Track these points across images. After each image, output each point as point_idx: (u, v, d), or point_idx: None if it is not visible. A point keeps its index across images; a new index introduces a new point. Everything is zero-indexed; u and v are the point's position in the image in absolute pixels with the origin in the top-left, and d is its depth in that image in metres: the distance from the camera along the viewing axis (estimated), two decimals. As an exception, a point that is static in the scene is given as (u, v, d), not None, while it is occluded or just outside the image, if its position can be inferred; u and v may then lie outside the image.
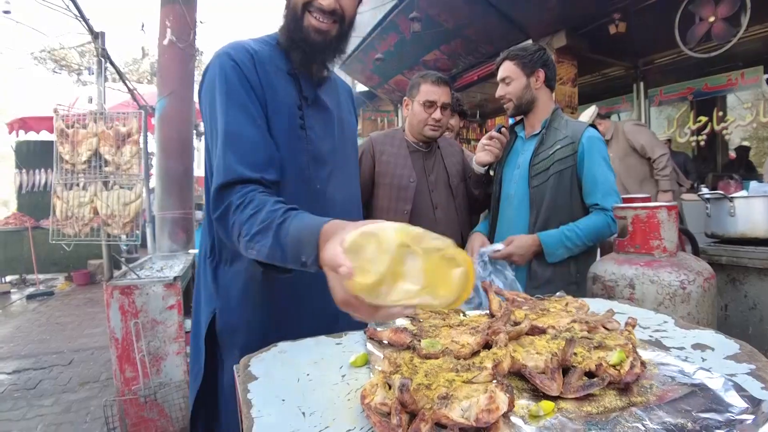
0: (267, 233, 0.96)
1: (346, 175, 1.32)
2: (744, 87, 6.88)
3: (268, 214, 0.98)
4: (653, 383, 0.80)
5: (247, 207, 1.02)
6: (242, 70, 1.13)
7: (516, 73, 1.94)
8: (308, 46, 1.18)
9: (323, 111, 1.27)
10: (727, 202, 2.10)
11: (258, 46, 1.20)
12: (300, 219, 0.95)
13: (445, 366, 0.77)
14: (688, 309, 1.33)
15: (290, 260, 0.93)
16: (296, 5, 1.16)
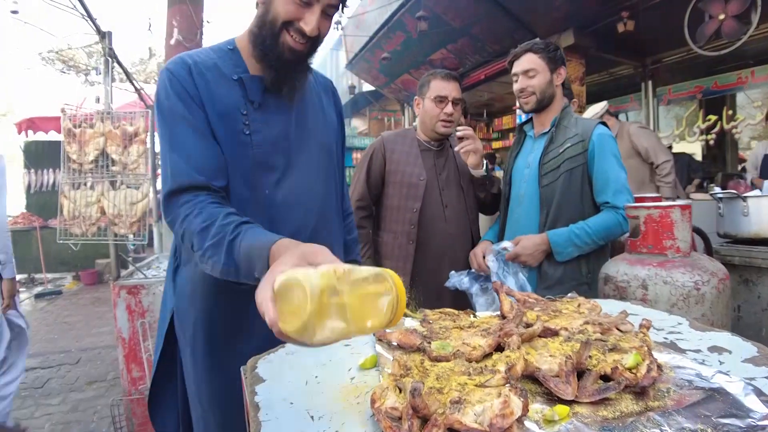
0: (219, 249, 0.96)
1: (305, 177, 1.27)
2: (754, 85, 6.82)
3: (219, 229, 0.98)
4: (670, 387, 0.78)
5: (197, 217, 1.02)
6: (180, 83, 1.13)
7: (541, 66, 1.89)
8: (280, 64, 1.17)
9: (274, 113, 1.22)
10: (740, 202, 2.06)
11: (204, 56, 1.20)
12: (250, 234, 0.94)
13: (457, 369, 0.75)
14: (702, 310, 1.31)
15: (243, 276, 0.94)
16: (275, 21, 1.13)
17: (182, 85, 1.13)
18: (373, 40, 8.02)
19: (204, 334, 1.22)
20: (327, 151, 1.36)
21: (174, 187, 1.08)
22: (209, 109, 1.14)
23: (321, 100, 1.38)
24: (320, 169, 1.33)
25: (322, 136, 1.35)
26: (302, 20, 1.11)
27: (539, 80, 1.89)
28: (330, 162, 1.37)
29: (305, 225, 1.27)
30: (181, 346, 1.28)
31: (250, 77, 1.20)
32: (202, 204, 1.04)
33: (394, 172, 2.10)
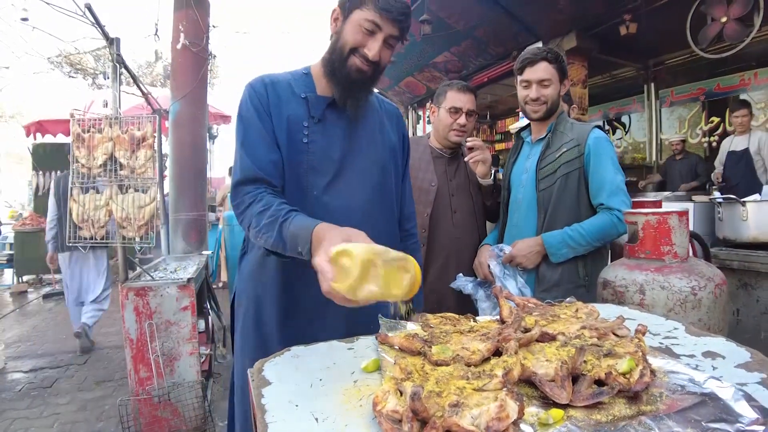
0: (273, 227, 1.20)
1: (352, 185, 1.45)
2: (757, 87, 6.79)
3: (274, 212, 1.22)
4: (663, 392, 0.80)
5: (258, 203, 1.27)
6: (257, 97, 1.38)
7: (555, 77, 1.91)
8: (347, 82, 1.37)
9: (332, 128, 1.43)
10: (739, 207, 2.09)
11: (281, 77, 1.44)
12: (298, 219, 1.17)
13: (456, 373, 0.78)
14: (699, 315, 1.33)
15: (289, 250, 1.17)
16: (344, 47, 1.34)
17: (258, 99, 1.38)
18: (377, 42, 8.03)
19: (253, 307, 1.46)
20: (380, 167, 1.52)
21: (241, 177, 1.33)
22: (277, 120, 1.38)
23: (383, 122, 1.58)
24: (369, 181, 1.48)
25: (376, 154, 1.51)
26: (366, 47, 1.32)
27: (552, 90, 1.90)
28: (381, 180, 1.52)
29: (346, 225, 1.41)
30: (237, 312, 1.53)
31: (315, 96, 1.42)
32: (263, 194, 1.29)
33: None
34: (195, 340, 2.83)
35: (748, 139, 5.02)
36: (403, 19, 1.33)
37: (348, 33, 1.33)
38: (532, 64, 1.91)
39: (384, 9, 1.29)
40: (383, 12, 1.29)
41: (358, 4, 1.31)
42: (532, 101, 1.92)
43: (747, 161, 4.96)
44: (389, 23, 1.31)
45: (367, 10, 1.30)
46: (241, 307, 1.50)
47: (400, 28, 1.34)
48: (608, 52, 6.51)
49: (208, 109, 4.75)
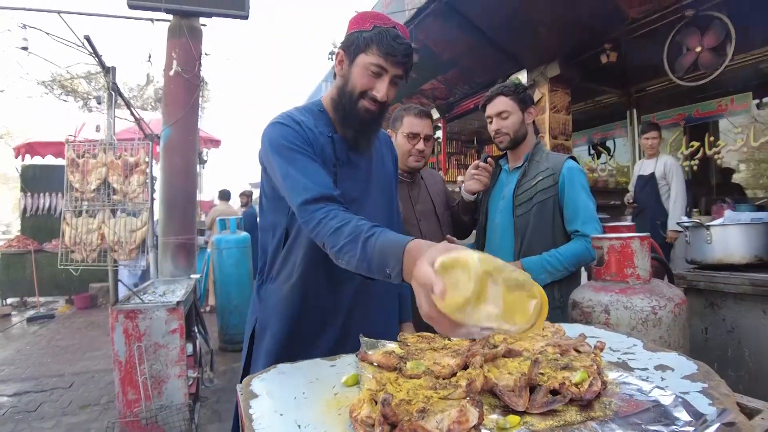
0: (355, 245, 1.09)
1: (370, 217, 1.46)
2: (734, 112, 7.04)
3: (355, 228, 1.12)
4: (612, 400, 0.89)
5: (332, 219, 1.18)
6: (294, 131, 1.36)
7: (513, 107, 2.04)
8: (358, 123, 1.42)
9: (354, 169, 1.48)
10: (704, 230, 2.21)
11: (303, 116, 1.43)
12: (386, 235, 1.07)
13: (425, 384, 0.87)
14: (660, 333, 1.43)
15: (375, 271, 1.06)
16: (353, 91, 1.38)
17: (300, 135, 1.36)
18: (365, 69, 8.23)
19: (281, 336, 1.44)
20: (389, 198, 1.61)
21: (308, 197, 1.24)
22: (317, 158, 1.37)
23: (382, 152, 1.64)
24: (382, 214, 1.56)
25: (383, 183, 1.60)
26: (374, 89, 1.37)
27: (512, 121, 2.04)
28: (389, 207, 1.61)
29: None
30: (258, 342, 1.50)
31: (340, 138, 1.46)
32: (336, 210, 1.21)
33: None
34: (183, 362, 2.87)
35: (655, 164, 5.00)
36: (407, 60, 1.37)
37: (356, 77, 1.37)
38: (491, 100, 2.08)
39: (389, 53, 1.33)
40: (388, 56, 1.33)
41: (363, 49, 1.35)
42: (495, 133, 2.08)
43: (653, 186, 4.94)
44: (394, 65, 1.35)
45: (372, 55, 1.34)
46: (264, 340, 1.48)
47: (405, 68, 1.39)
48: (591, 79, 6.73)
49: (198, 133, 4.85)
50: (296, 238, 1.44)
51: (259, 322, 1.51)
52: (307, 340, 1.44)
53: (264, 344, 1.48)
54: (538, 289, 0.78)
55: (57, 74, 12.48)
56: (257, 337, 1.51)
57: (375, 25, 1.36)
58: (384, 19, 1.39)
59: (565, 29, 5.59)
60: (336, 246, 1.14)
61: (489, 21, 5.97)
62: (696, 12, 4.92)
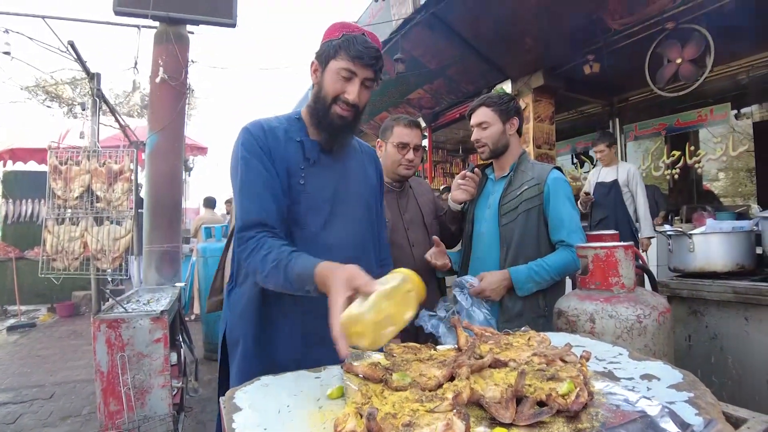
0: (278, 272, 1.25)
1: (345, 222, 1.54)
2: (714, 122, 7.20)
3: (277, 255, 1.27)
4: (600, 411, 0.89)
5: (261, 249, 1.32)
6: (257, 141, 1.44)
7: (493, 118, 2.07)
8: (332, 128, 1.49)
9: (325, 169, 1.53)
10: (686, 239, 2.24)
11: (276, 123, 1.52)
12: (300, 261, 1.24)
13: (411, 397, 0.86)
14: (645, 341, 1.44)
15: (298, 291, 1.24)
16: (326, 97, 1.45)
17: (258, 144, 1.44)
18: (353, 79, 8.26)
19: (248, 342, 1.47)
20: (365, 205, 1.63)
21: (243, 224, 1.38)
22: (278, 164, 1.44)
23: (364, 163, 1.69)
24: (358, 218, 1.59)
25: (362, 192, 1.63)
26: (345, 92, 1.44)
27: (491, 132, 2.07)
28: (367, 214, 1.64)
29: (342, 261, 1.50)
30: (231, 352, 1.54)
31: (309, 141, 1.52)
32: (264, 238, 1.34)
33: None
34: (167, 372, 2.82)
35: (617, 171, 5.01)
36: (374, 63, 1.44)
37: (328, 83, 1.45)
38: (474, 110, 2.13)
39: (356, 57, 1.40)
40: (356, 60, 1.41)
41: (333, 55, 1.43)
42: (475, 143, 2.12)
43: (616, 193, 4.95)
44: (363, 68, 1.42)
45: (341, 60, 1.42)
46: (238, 345, 1.50)
47: (374, 70, 1.46)
48: (574, 89, 6.84)
49: (185, 141, 4.81)
50: None
51: (228, 327, 1.55)
52: (274, 343, 1.47)
53: (237, 350, 1.50)
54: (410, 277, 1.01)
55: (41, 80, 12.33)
56: (229, 344, 1.55)
57: (344, 34, 1.43)
58: (353, 28, 1.46)
59: (549, 40, 5.69)
60: (263, 273, 1.29)
61: (474, 32, 6.04)
62: (676, 24, 5.04)
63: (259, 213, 1.38)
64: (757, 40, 5.63)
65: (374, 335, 0.95)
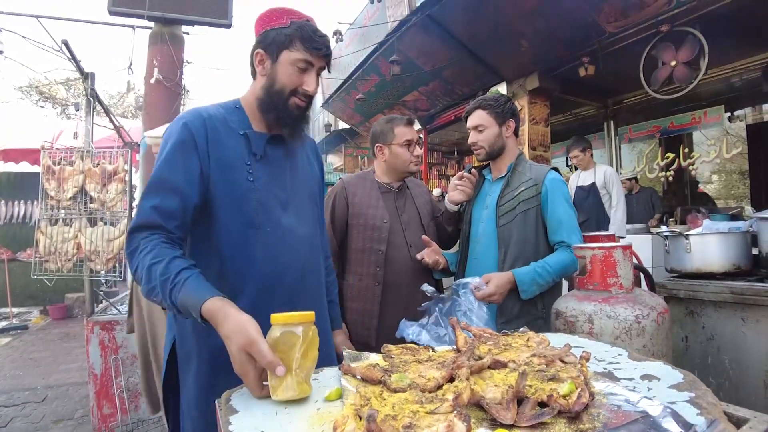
0: (164, 292, 1.13)
1: (298, 218, 1.47)
2: (707, 125, 7.24)
3: (165, 270, 1.14)
4: (601, 412, 0.88)
5: (149, 253, 1.17)
6: (192, 134, 1.31)
7: (489, 121, 2.07)
8: (292, 120, 1.41)
9: (273, 165, 1.44)
10: (683, 240, 2.24)
11: (215, 111, 1.39)
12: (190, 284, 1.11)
13: (411, 398, 0.85)
14: (643, 342, 1.43)
15: (184, 315, 1.13)
16: (283, 90, 1.37)
17: (194, 138, 1.31)
18: (348, 81, 8.29)
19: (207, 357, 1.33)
20: (312, 198, 1.57)
21: (138, 223, 1.23)
22: (216, 159, 1.33)
23: (308, 155, 1.62)
24: (308, 213, 1.53)
25: (309, 186, 1.57)
26: (304, 84, 1.38)
27: (487, 134, 2.07)
28: (314, 208, 1.58)
29: (297, 260, 1.46)
30: (182, 372, 1.39)
31: (255, 133, 1.42)
32: (156, 241, 1.20)
33: (357, 215, 2.16)
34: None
35: (594, 174, 5.04)
36: (329, 52, 1.41)
37: (284, 76, 1.37)
38: (470, 113, 2.13)
39: (315, 48, 1.36)
40: (314, 51, 1.36)
41: (285, 45, 1.35)
42: (472, 146, 2.13)
43: (595, 195, 4.99)
44: (319, 59, 1.38)
45: (296, 51, 1.35)
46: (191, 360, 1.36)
47: (327, 60, 1.42)
48: (569, 91, 6.85)
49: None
50: None
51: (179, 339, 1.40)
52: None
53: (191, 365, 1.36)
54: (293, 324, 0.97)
55: (34, 80, 12.25)
56: (181, 358, 1.40)
57: (291, 21, 1.36)
58: (297, 14, 1.39)
59: (545, 43, 5.70)
60: (149, 285, 1.16)
61: (470, 34, 6.05)
62: (671, 27, 5.05)
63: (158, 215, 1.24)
64: (750, 43, 5.68)
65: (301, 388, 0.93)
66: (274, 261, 1.39)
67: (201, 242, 1.36)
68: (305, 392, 0.93)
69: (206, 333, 1.30)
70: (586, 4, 5.02)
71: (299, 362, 0.92)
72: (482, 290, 1.82)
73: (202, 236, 1.36)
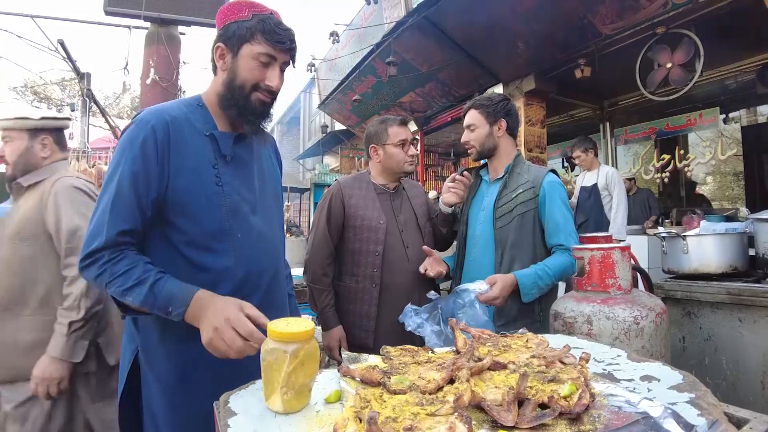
0: (142, 286, 1.14)
1: (266, 222, 1.42)
2: (702, 126, 7.28)
3: (144, 273, 1.16)
4: (602, 413, 0.88)
5: (120, 262, 1.17)
6: (155, 142, 1.23)
7: (480, 121, 2.08)
8: (254, 116, 1.35)
9: (241, 167, 1.38)
10: (680, 240, 2.25)
11: (177, 111, 1.31)
12: (174, 282, 1.17)
13: (411, 400, 0.84)
14: (642, 343, 1.43)
15: (157, 309, 1.16)
16: (244, 85, 1.31)
17: (155, 143, 1.23)
18: (345, 82, 8.30)
19: (178, 368, 1.28)
20: (278, 200, 1.53)
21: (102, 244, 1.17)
22: (183, 162, 1.26)
23: (270, 154, 1.56)
24: (275, 216, 1.49)
25: (274, 186, 1.52)
26: (266, 79, 1.32)
27: (477, 134, 2.09)
28: (279, 210, 1.53)
29: (270, 264, 1.43)
30: (148, 383, 1.31)
31: (221, 134, 1.35)
32: (125, 250, 1.19)
33: (353, 216, 2.15)
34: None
35: (597, 175, 5.02)
36: (294, 46, 1.35)
37: (244, 70, 1.31)
38: (465, 113, 2.15)
39: (277, 42, 1.30)
40: (276, 44, 1.30)
41: (247, 39, 1.29)
42: (464, 145, 2.15)
43: (596, 197, 4.98)
44: (282, 53, 1.33)
45: (258, 44, 1.29)
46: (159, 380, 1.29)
47: (292, 55, 1.36)
48: (565, 93, 6.87)
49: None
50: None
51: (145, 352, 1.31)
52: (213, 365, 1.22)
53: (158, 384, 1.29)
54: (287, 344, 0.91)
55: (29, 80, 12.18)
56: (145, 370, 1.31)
57: (253, 14, 1.30)
58: (259, 7, 1.33)
59: (541, 45, 5.72)
60: (125, 285, 1.15)
61: (466, 35, 6.06)
62: (667, 29, 5.08)
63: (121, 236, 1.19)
64: (744, 45, 5.72)
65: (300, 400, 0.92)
66: (246, 266, 1.34)
67: (165, 249, 1.28)
68: (293, 408, 0.90)
69: (176, 343, 1.27)
70: (582, 7, 5.04)
71: (286, 380, 0.88)
72: (486, 294, 1.79)
73: (166, 243, 1.28)
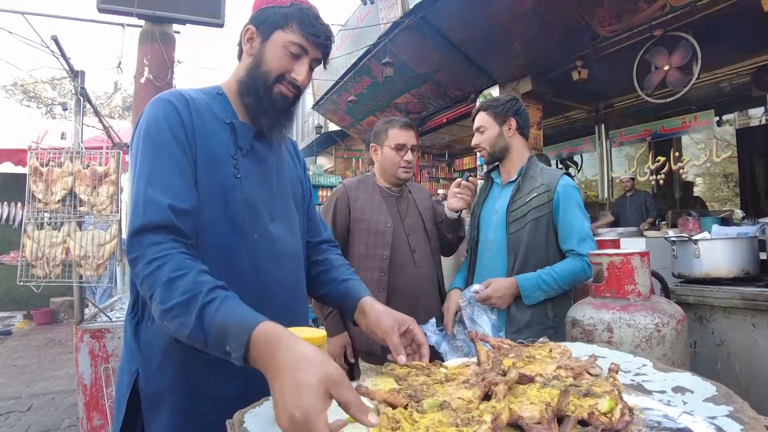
0: (189, 311, 0.90)
1: (285, 225, 1.30)
2: (697, 129, 7.31)
3: (193, 285, 0.92)
4: (641, 429, 0.83)
5: (166, 265, 0.95)
6: (178, 116, 1.12)
7: (489, 122, 2.04)
8: (274, 110, 1.23)
9: (259, 162, 1.26)
10: (691, 244, 2.22)
11: (196, 95, 1.20)
12: (229, 306, 0.91)
13: (446, 420, 0.79)
14: (664, 351, 1.39)
15: (211, 348, 0.90)
16: (268, 74, 1.20)
17: (180, 119, 1.12)
18: (339, 83, 8.24)
19: (184, 397, 1.12)
20: (298, 205, 1.40)
21: (145, 222, 1.00)
22: (202, 148, 1.14)
23: (291, 155, 1.44)
24: (294, 219, 1.35)
25: (293, 187, 1.39)
26: (293, 72, 1.21)
27: (487, 135, 2.05)
28: (298, 212, 1.39)
29: (290, 275, 1.29)
30: (150, 410, 1.15)
31: (241, 123, 1.23)
32: (172, 251, 0.98)
33: (360, 219, 2.11)
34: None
35: None
36: (328, 44, 1.25)
37: (271, 58, 1.20)
38: (474, 116, 2.12)
39: (312, 34, 1.20)
40: (310, 37, 1.20)
41: (280, 25, 1.19)
42: (475, 147, 2.11)
43: None
44: (315, 47, 1.22)
45: (291, 33, 1.19)
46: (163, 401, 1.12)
47: (324, 53, 1.26)
48: (561, 95, 6.89)
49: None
50: None
51: (147, 376, 1.14)
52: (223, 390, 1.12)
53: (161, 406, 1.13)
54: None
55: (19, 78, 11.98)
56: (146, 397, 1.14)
57: (293, 2, 1.21)
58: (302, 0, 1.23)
59: (538, 46, 5.72)
60: (166, 304, 0.92)
61: (463, 36, 6.04)
62: (664, 32, 5.09)
63: (170, 212, 1.02)
64: (740, 48, 5.75)
65: None
66: (261, 274, 1.20)
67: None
68: None
69: (182, 367, 1.11)
70: (580, 9, 5.03)
71: None
72: (479, 293, 1.82)
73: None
